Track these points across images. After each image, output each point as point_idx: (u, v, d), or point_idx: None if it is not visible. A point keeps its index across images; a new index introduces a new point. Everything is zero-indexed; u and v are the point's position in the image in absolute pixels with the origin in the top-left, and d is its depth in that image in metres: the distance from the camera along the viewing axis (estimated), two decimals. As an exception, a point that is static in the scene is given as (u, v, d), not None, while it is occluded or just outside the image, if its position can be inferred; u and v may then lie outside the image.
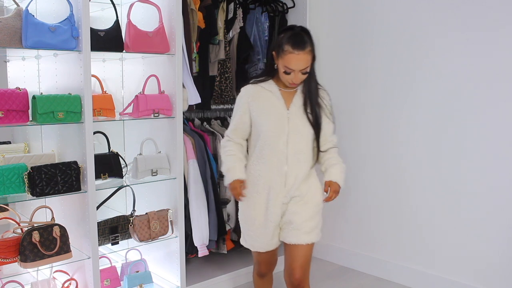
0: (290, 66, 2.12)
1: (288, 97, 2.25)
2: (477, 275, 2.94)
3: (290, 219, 2.27)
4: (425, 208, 3.15)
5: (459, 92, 2.94)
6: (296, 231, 2.26)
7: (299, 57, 2.10)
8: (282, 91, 2.25)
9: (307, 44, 2.12)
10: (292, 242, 2.27)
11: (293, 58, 2.10)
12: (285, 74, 2.15)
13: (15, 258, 2.24)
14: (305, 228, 2.26)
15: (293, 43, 2.10)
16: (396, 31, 3.21)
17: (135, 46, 2.59)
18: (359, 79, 3.45)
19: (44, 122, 2.31)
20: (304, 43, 2.11)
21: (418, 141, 3.16)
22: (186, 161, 3.00)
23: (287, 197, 2.27)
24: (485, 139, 2.86)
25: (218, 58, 3.24)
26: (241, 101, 2.29)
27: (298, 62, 2.11)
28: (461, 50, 2.91)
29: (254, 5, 3.47)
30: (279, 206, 2.27)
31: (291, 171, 2.24)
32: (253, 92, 2.27)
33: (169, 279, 2.92)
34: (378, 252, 3.44)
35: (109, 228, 2.62)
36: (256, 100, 2.25)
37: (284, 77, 2.18)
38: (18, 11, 2.23)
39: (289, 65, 2.12)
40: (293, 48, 2.10)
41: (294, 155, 2.23)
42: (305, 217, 2.26)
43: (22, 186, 2.29)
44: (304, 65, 2.12)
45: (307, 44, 2.12)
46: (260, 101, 2.25)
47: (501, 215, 2.82)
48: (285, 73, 2.15)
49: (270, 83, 2.26)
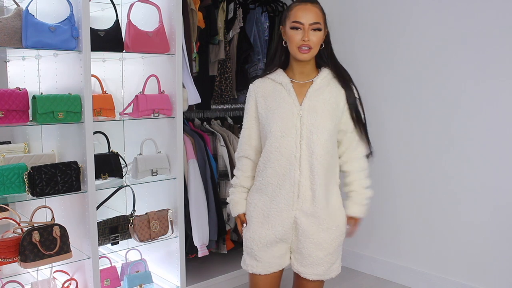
0: (298, 18, 1.80)
1: (301, 90, 1.90)
2: (477, 275, 2.94)
3: (308, 250, 1.91)
4: (425, 208, 3.15)
5: (476, 90, 2.94)
6: (315, 266, 1.93)
7: (307, 7, 1.82)
8: (295, 83, 1.92)
9: (314, 1, 1.87)
10: (310, 278, 1.95)
11: (301, 9, 1.82)
12: (294, 36, 1.82)
13: (15, 258, 2.24)
14: (326, 264, 1.93)
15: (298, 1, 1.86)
16: (397, 31, 3.21)
17: (135, 46, 2.59)
18: (359, 79, 3.44)
19: (44, 122, 2.31)
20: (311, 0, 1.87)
21: (419, 141, 3.16)
22: (186, 161, 3.00)
23: (302, 212, 1.89)
24: (485, 139, 2.86)
25: (218, 58, 3.24)
26: (248, 101, 2.00)
27: (307, 12, 1.81)
28: (465, 48, 2.91)
29: (254, 5, 3.47)
30: (291, 222, 1.91)
31: (305, 180, 1.87)
32: (261, 87, 1.96)
33: (169, 279, 2.92)
34: (378, 252, 3.44)
35: (109, 228, 2.62)
36: (264, 96, 1.94)
37: (293, 41, 1.83)
38: (18, 11, 2.23)
39: (297, 17, 1.81)
40: (297, 2, 1.86)
41: (309, 160, 1.86)
42: (327, 251, 1.92)
43: (22, 186, 2.29)
44: (314, 18, 1.81)
45: (314, 1, 1.87)
46: (268, 97, 1.93)
47: (502, 215, 2.81)
48: (294, 30, 1.82)
49: (280, 74, 1.93)
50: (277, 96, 1.91)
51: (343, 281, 3.36)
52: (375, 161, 3.28)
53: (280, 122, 1.87)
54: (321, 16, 1.85)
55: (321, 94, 1.90)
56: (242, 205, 2.03)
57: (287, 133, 1.87)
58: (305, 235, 1.90)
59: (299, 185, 1.87)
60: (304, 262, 1.94)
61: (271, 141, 1.89)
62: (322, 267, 1.94)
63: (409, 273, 3.24)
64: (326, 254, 1.93)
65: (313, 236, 1.90)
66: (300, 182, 1.87)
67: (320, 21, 1.83)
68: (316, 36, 1.83)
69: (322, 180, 1.87)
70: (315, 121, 1.86)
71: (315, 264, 1.93)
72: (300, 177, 1.87)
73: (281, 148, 1.87)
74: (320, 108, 1.88)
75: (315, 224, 1.90)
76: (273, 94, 1.92)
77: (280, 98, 1.90)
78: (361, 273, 3.49)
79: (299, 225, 1.90)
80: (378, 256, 3.43)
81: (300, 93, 1.90)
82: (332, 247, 1.94)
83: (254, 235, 1.95)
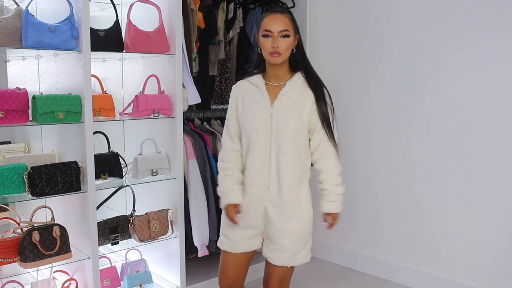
0: (267, 27, 2.01)
1: (274, 92, 2.10)
2: (477, 275, 2.93)
3: (275, 237, 2.11)
4: (425, 208, 3.15)
5: (466, 93, 2.94)
6: (280, 253, 2.11)
7: (276, 16, 2.02)
8: (269, 85, 2.12)
9: (284, 10, 2.06)
10: (274, 263, 2.14)
11: (270, 18, 2.02)
12: (266, 43, 2.02)
13: (15, 258, 2.24)
14: (291, 251, 2.11)
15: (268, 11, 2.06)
16: (397, 31, 3.21)
17: (135, 46, 2.59)
18: (359, 79, 3.45)
19: (44, 122, 2.31)
20: (280, 9, 2.09)
21: (419, 141, 3.16)
22: (186, 161, 3.00)
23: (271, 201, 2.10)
24: (485, 139, 2.86)
25: (218, 58, 3.24)
26: (231, 99, 2.21)
27: (275, 21, 2.00)
28: (466, 50, 2.91)
29: (254, 5, 3.47)
30: (262, 211, 2.12)
31: (274, 174, 2.07)
32: (241, 88, 2.17)
33: (169, 279, 2.92)
34: (378, 252, 3.44)
35: (109, 228, 2.62)
36: (243, 96, 2.15)
37: (265, 47, 2.03)
38: (18, 11, 2.23)
39: (266, 26, 2.01)
40: (268, 12, 2.07)
41: (277, 156, 2.06)
42: (292, 239, 2.10)
43: (22, 186, 2.29)
44: (282, 26, 2.00)
45: (284, 10, 2.06)
46: (246, 97, 2.14)
47: (503, 215, 2.81)
48: (265, 38, 2.02)
49: (257, 77, 2.14)
50: (253, 97, 2.12)
51: (343, 281, 3.36)
52: (386, 164, 3.30)
53: (254, 121, 2.09)
54: (289, 24, 2.04)
55: (291, 96, 2.08)
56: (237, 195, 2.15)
57: (259, 130, 2.08)
58: (272, 223, 2.11)
59: (269, 178, 2.09)
60: (272, 247, 2.14)
61: (246, 137, 2.12)
62: (286, 254, 2.12)
63: (409, 273, 3.24)
64: (291, 242, 2.10)
65: (279, 225, 2.10)
66: (270, 175, 2.09)
67: (288, 28, 2.02)
68: (285, 42, 2.02)
69: (288, 174, 2.07)
70: (282, 120, 2.06)
71: (280, 250, 2.12)
72: (270, 171, 2.09)
73: (254, 144, 2.09)
74: (288, 108, 2.07)
75: (281, 214, 2.10)
76: (250, 95, 2.14)
77: (255, 99, 2.11)
78: (361, 273, 3.49)
79: (268, 214, 2.12)
80: (378, 256, 3.43)
81: (273, 94, 2.11)
82: (297, 236, 2.11)
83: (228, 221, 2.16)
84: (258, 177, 2.10)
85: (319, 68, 2.34)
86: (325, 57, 3.59)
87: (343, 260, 3.65)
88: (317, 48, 3.61)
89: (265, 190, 2.10)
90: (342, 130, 2.96)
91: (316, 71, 2.19)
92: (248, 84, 2.16)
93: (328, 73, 3.51)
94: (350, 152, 3.48)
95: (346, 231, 3.61)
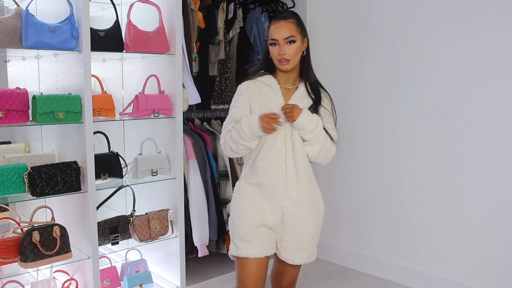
0: (273, 36, 2.04)
1: (287, 94, 2.14)
2: (477, 275, 2.94)
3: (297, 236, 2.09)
4: (425, 208, 3.15)
5: (458, 91, 2.94)
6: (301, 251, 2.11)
7: (280, 24, 2.04)
8: (282, 87, 2.14)
9: (289, 16, 2.07)
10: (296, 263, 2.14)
11: (275, 27, 2.05)
12: (273, 51, 2.05)
13: (15, 258, 2.24)
14: (311, 247, 2.14)
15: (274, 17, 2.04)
16: (396, 30, 3.21)
17: (135, 46, 2.59)
18: (359, 78, 3.45)
19: (44, 122, 2.31)
20: (285, 15, 2.08)
21: (417, 141, 3.16)
22: (186, 161, 3.00)
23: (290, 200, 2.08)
24: (483, 138, 2.86)
25: (218, 58, 3.24)
26: (241, 96, 2.13)
27: (279, 29, 2.03)
28: (460, 48, 2.91)
29: (254, 5, 3.47)
30: (279, 213, 2.08)
31: (291, 171, 2.07)
32: (253, 88, 2.13)
33: (169, 279, 2.92)
34: (378, 252, 3.44)
35: (109, 228, 2.62)
36: (256, 96, 2.11)
37: (274, 55, 2.06)
38: (18, 11, 2.23)
39: (272, 35, 2.05)
40: (273, 20, 2.09)
41: (293, 153, 2.08)
42: (311, 235, 2.13)
43: (22, 186, 2.29)
44: (287, 33, 2.02)
45: (289, 16, 2.07)
46: (260, 97, 2.11)
47: (502, 215, 2.82)
48: (272, 46, 2.05)
49: (269, 78, 2.14)
50: (267, 96, 2.11)
51: (343, 281, 3.36)
52: (385, 164, 3.29)
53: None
54: (294, 29, 2.05)
55: (303, 100, 2.13)
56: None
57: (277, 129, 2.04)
58: (294, 222, 2.09)
59: (286, 176, 2.07)
60: (290, 248, 2.11)
61: (263, 137, 2.06)
62: (307, 251, 2.14)
63: (409, 273, 3.24)
64: (310, 239, 2.14)
65: (301, 223, 2.09)
66: (287, 173, 2.07)
67: (293, 34, 2.04)
68: (292, 48, 2.04)
69: (304, 171, 2.09)
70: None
71: (301, 249, 2.12)
72: (286, 169, 2.08)
73: (270, 143, 2.07)
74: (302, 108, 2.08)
75: (301, 211, 2.09)
76: (263, 94, 2.12)
77: (269, 99, 2.11)
78: (361, 273, 3.49)
79: (288, 214, 2.09)
80: (378, 256, 3.43)
81: (286, 95, 2.13)
82: (315, 232, 2.16)
83: (247, 221, 2.09)
84: (275, 176, 2.06)
85: (318, 67, 2.34)
86: (325, 57, 3.58)
87: (343, 260, 3.65)
88: (317, 48, 3.61)
89: (283, 189, 2.07)
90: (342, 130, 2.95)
91: (316, 71, 2.21)
92: (259, 84, 2.14)
93: (328, 73, 3.51)
94: (352, 152, 3.48)
95: (346, 231, 3.61)
